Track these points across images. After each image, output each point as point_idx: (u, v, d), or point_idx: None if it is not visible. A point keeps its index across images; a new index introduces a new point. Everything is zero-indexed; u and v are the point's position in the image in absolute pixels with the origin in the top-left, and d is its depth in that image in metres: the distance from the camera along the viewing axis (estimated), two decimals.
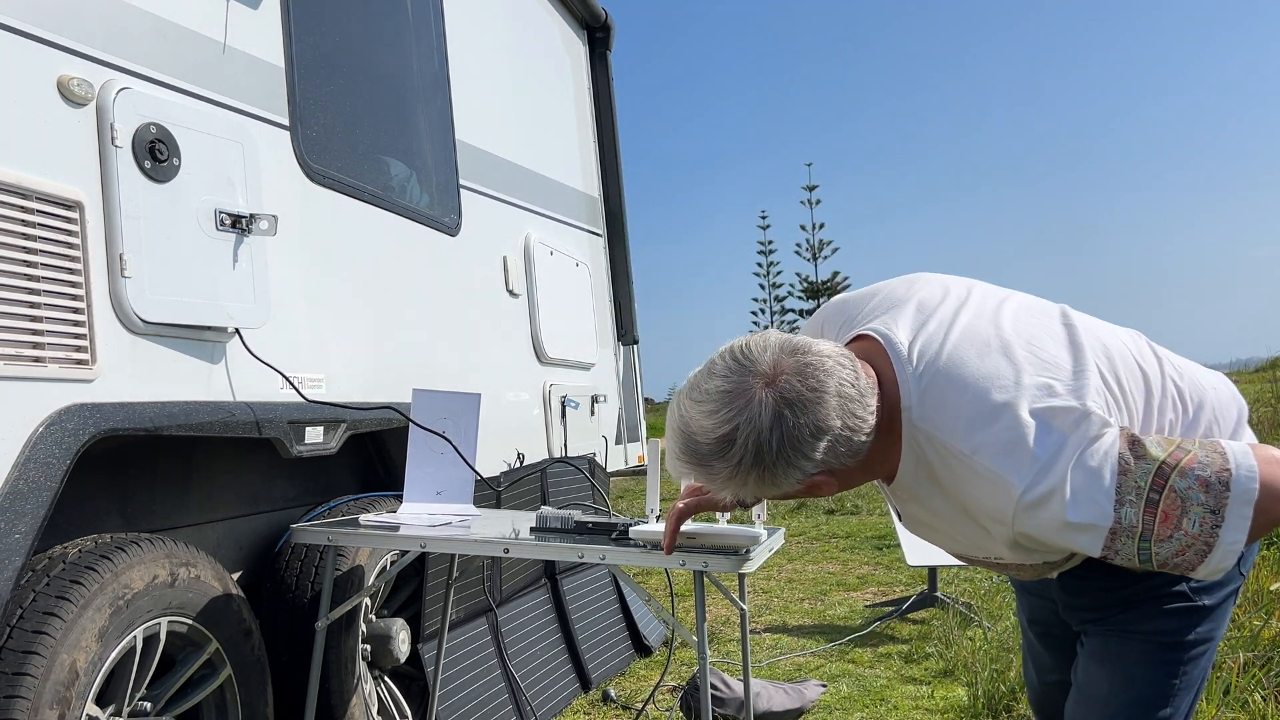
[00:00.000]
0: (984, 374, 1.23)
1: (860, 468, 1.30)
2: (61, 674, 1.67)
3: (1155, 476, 1.15)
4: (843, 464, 1.26)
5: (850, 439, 1.23)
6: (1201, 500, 1.15)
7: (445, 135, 3.22)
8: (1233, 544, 1.15)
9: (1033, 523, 1.18)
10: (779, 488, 1.25)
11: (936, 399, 1.25)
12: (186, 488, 2.34)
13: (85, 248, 1.82)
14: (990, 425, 1.20)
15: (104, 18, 1.93)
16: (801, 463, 1.23)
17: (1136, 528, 1.15)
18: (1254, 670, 3.04)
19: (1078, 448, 1.17)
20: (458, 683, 2.91)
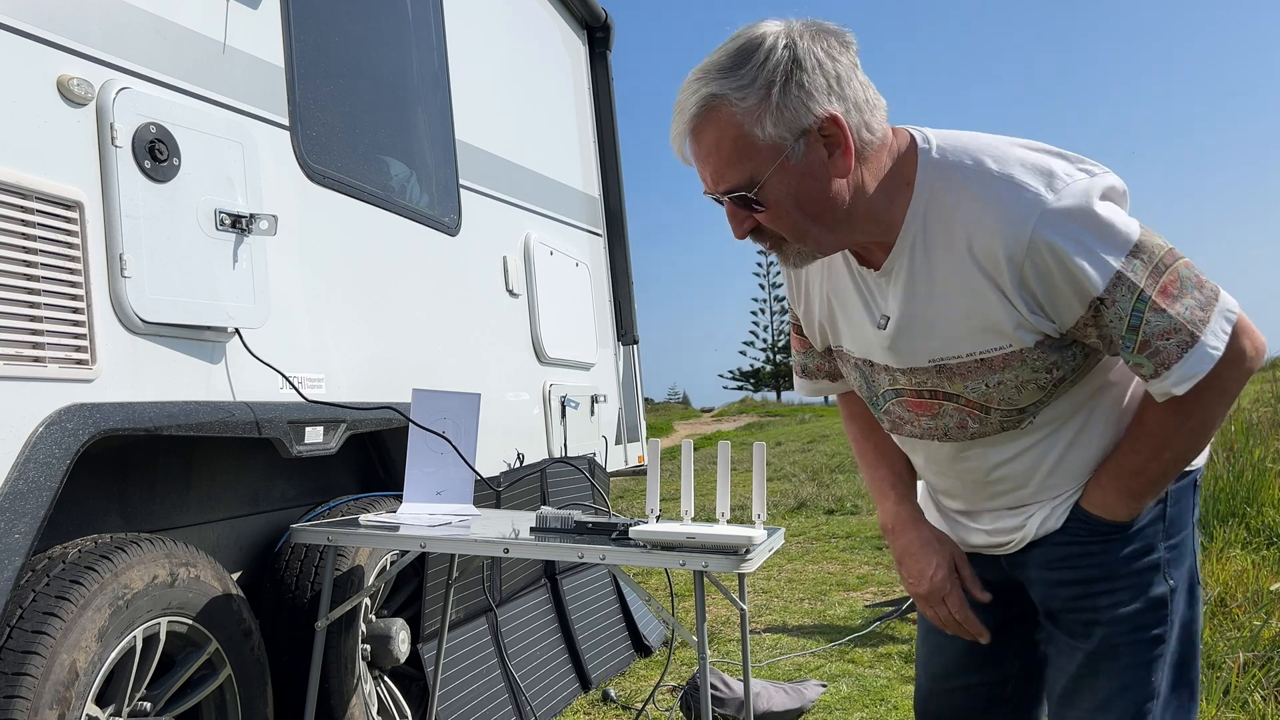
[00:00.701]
0: (1003, 144, 1.25)
1: (863, 186, 1.24)
2: (61, 674, 1.67)
3: (1166, 254, 1.19)
4: (859, 130, 1.20)
5: (870, 95, 1.21)
6: (1196, 295, 1.18)
7: (445, 135, 3.22)
8: (1211, 350, 1.17)
9: (1052, 234, 1.15)
10: (803, 108, 1.16)
11: (957, 144, 1.25)
12: (186, 488, 2.34)
13: (85, 248, 1.82)
14: (1017, 155, 1.21)
15: (104, 18, 1.93)
16: (830, 74, 1.17)
17: (1138, 286, 1.16)
18: (1254, 670, 3.04)
19: (1103, 193, 1.19)
20: (458, 683, 2.91)
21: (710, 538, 1.84)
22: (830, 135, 1.18)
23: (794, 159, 1.18)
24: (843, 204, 1.23)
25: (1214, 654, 3.23)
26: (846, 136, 1.18)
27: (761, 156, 1.18)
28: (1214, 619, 3.62)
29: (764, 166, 1.18)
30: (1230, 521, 4.79)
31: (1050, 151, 1.22)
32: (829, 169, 1.20)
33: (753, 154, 1.18)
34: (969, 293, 1.22)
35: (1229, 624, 3.58)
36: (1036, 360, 1.24)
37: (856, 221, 1.25)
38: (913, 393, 1.35)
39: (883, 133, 1.24)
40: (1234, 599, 3.78)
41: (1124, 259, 1.16)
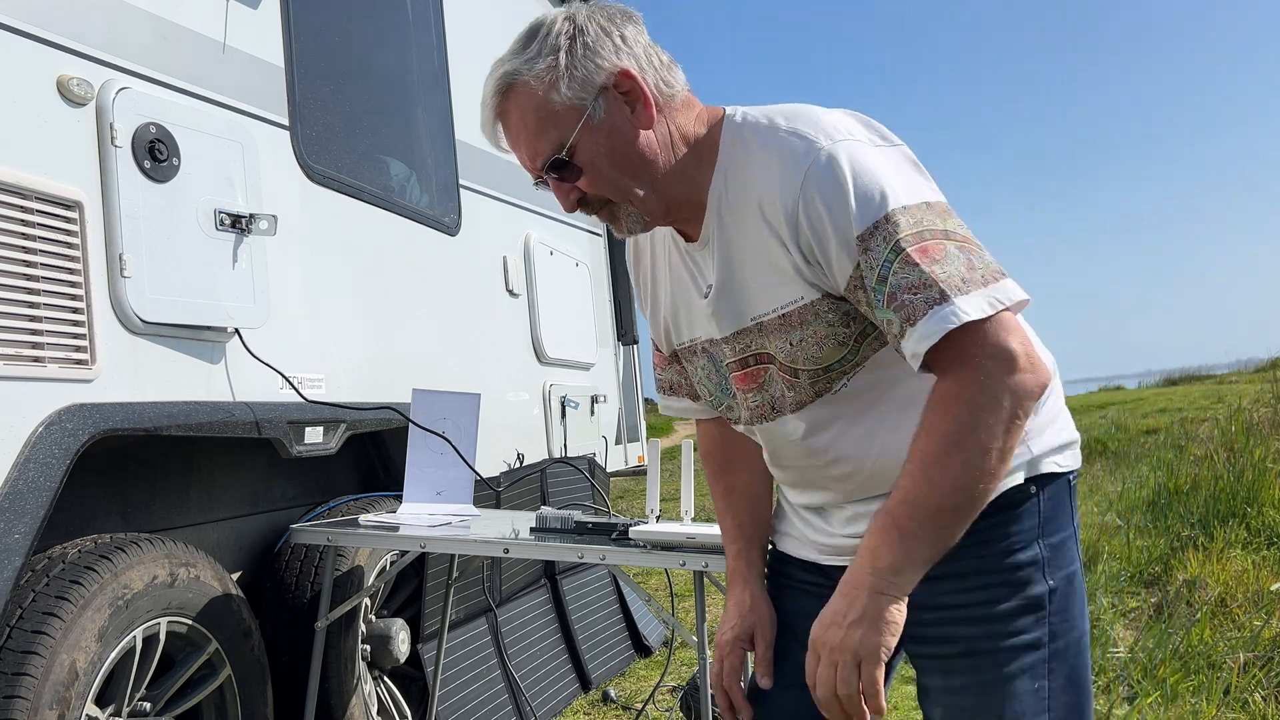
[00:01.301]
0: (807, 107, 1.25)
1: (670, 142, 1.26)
2: (61, 674, 1.67)
3: (947, 230, 1.14)
4: (656, 84, 1.24)
5: (664, 58, 1.26)
6: (961, 268, 1.11)
7: (445, 135, 3.22)
8: (962, 312, 1.08)
9: (822, 182, 1.14)
10: (594, 67, 1.20)
11: (760, 110, 1.26)
12: (186, 488, 2.34)
13: (85, 248, 1.82)
14: (811, 114, 1.22)
15: (104, 18, 1.93)
16: (615, 34, 1.23)
17: (895, 236, 1.12)
18: (1254, 670, 3.04)
19: (890, 157, 1.18)
20: (458, 683, 2.91)
21: (710, 538, 1.84)
22: (627, 90, 1.22)
23: (597, 117, 1.22)
24: (655, 158, 1.25)
25: (1214, 654, 3.23)
26: (644, 89, 1.23)
27: (565, 121, 1.22)
28: (1214, 619, 3.62)
29: (569, 129, 1.21)
30: (1230, 522, 4.79)
31: (854, 117, 1.23)
32: (633, 123, 1.23)
33: (556, 120, 1.22)
34: (764, 247, 1.23)
35: (1229, 624, 3.58)
36: (829, 314, 1.22)
37: (672, 179, 1.27)
38: (738, 364, 1.33)
39: (683, 90, 1.28)
40: (1234, 599, 3.78)
41: (890, 209, 1.13)
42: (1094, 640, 3.51)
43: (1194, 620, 3.56)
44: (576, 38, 1.22)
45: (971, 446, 1.09)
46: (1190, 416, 9.39)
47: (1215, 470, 5.63)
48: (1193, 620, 3.57)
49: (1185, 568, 4.27)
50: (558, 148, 1.23)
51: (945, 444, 1.10)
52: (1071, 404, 5.65)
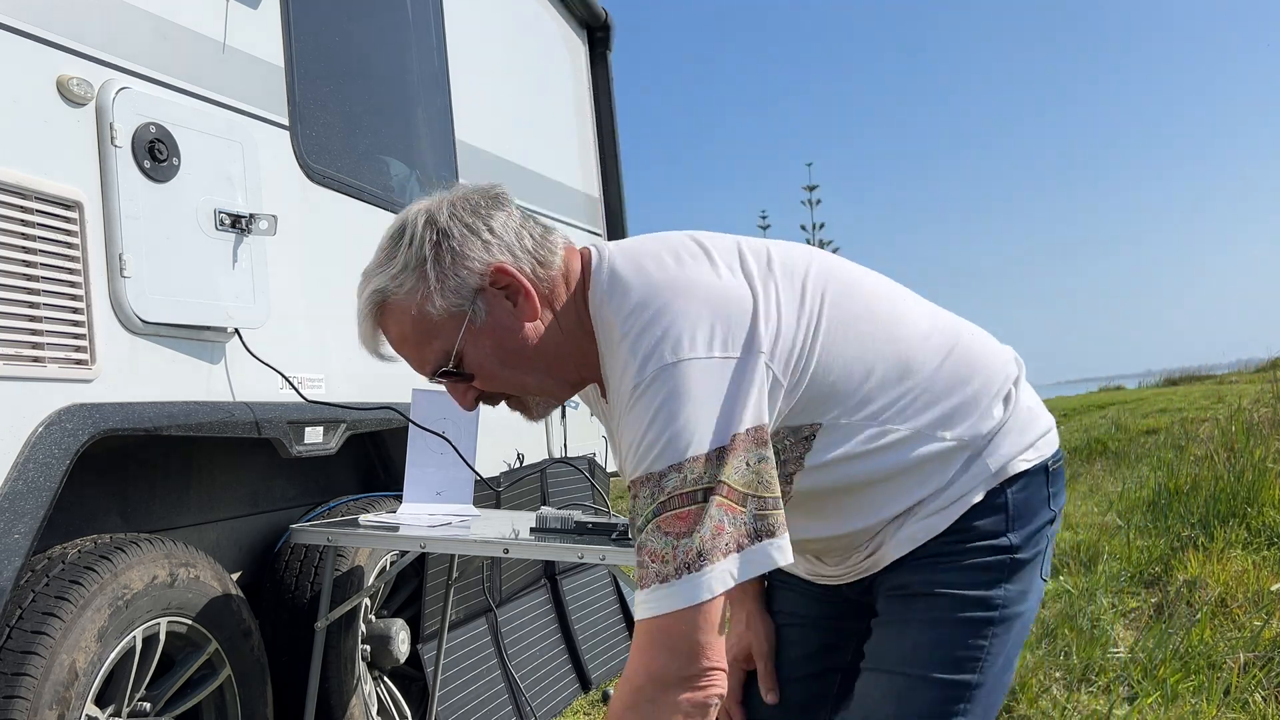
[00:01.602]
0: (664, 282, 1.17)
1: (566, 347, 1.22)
2: (61, 674, 1.67)
3: (712, 483, 1.07)
4: (533, 270, 1.19)
5: (536, 234, 1.22)
6: (702, 542, 1.06)
7: (445, 135, 3.21)
8: (661, 604, 1.06)
9: (634, 413, 1.10)
10: (465, 271, 1.16)
11: (622, 278, 1.20)
12: (186, 488, 2.34)
13: (85, 248, 1.81)
14: (664, 307, 1.14)
15: (104, 18, 1.93)
16: (480, 229, 1.18)
17: (658, 498, 1.08)
18: (1254, 670, 3.04)
19: (715, 378, 1.10)
20: (458, 683, 2.91)
21: None
22: (505, 285, 1.19)
23: (479, 320, 1.19)
24: (545, 347, 1.22)
25: (1214, 654, 3.23)
26: (521, 281, 1.19)
27: (446, 330, 1.19)
28: (1214, 619, 3.62)
29: (452, 338, 1.19)
30: (1230, 522, 4.79)
31: (711, 310, 1.14)
32: (517, 317, 1.20)
33: (437, 331, 1.19)
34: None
35: (1229, 624, 3.57)
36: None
37: (566, 359, 1.23)
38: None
39: (561, 264, 1.23)
40: (1234, 599, 3.78)
41: (664, 467, 1.08)
42: (1094, 640, 3.51)
43: (1194, 620, 3.56)
44: (441, 243, 1.18)
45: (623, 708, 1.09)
46: (1190, 416, 9.38)
47: (1215, 470, 5.63)
48: (1193, 620, 3.57)
49: (1185, 568, 4.27)
50: (444, 358, 1.20)
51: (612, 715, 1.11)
52: (1071, 404, 5.67)
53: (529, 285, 1.20)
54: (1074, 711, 3.01)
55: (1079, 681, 3.26)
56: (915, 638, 1.26)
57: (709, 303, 1.14)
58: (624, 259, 1.23)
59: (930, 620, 1.25)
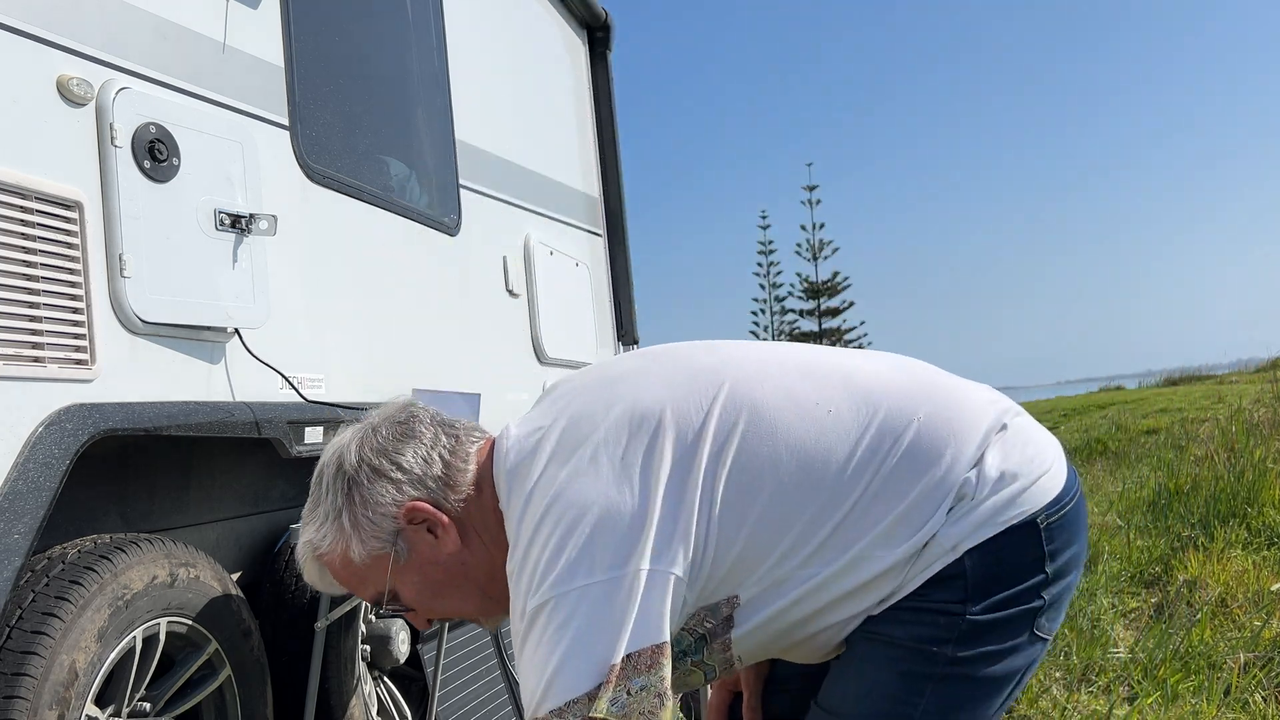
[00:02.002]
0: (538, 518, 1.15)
1: (486, 547, 1.22)
2: (61, 674, 1.67)
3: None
4: (445, 499, 1.20)
5: (447, 453, 1.21)
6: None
7: (445, 135, 3.21)
8: None
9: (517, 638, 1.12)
10: (379, 515, 1.18)
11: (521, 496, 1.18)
12: (186, 488, 2.34)
13: (85, 248, 1.81)
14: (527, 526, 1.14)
15: (104, 17, 1.93)
16: (388, 468, 1.19)
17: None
18: (1254, 670, 3.04)
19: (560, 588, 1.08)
20: (458, 683, 2.91)
21: None
22: (423, 521, 1.21)
23: (403, 558, 1.21)
24: (477, 568, 1.23)
25: (1214, 654, 3.23)
26: (435, 515, 1.20)
27: (374, 573, 1.21)
28: (1214, 619, 3.62)
29: (381, 579, 1.21)
30: (1231, 522, 4.79)
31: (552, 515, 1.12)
32: (439, 549, 1.21)
33: (366, 574, 1.22)
34: None
35: (1229, 624, 3.58)
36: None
37: (500, 575, 1.21)
38: None
39: (474, 476, 1.24)
40: (1234, 599, 3.78)
41: (549, 714, 1.07)
42: (1094, 640, 3.50)
43: (1194, 620, 3.56)
44: (353, 492, 1.20)
45: None
46: (1190, 416, 9.38)
47: (1215, 470, 5.63)
48: (1193, 620, 3.57)
49: (1185, 568, 4.27)
50: (378, 597, 1.24)
51: None
52: (1071, 404, 5.68)
53: (443, 517, 1.21)
54: (1074, 711, 3.01)
55: (1079, 681, 3.26)
56: (850, 686, 1.23)
57: (584, 525, 1.10)
58: (516, 460, 1.20)
59: (866, 669, 1.21)
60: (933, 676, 1.18)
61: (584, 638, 1.07)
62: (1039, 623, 1.22)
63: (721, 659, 1.23)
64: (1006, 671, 1.20)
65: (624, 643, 1.07)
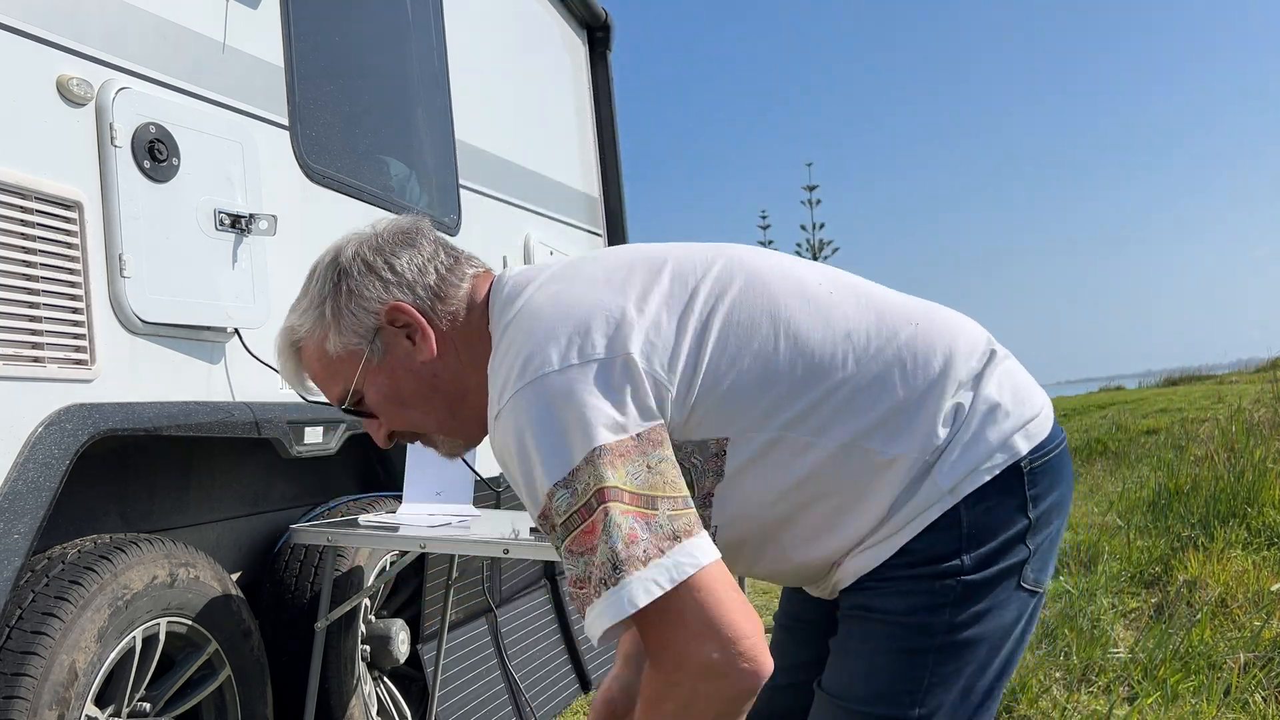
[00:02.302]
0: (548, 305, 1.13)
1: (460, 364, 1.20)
2: (60, 674, 1.67)
3: (600, 492, 0.99)
4: (432, 308, 1.19)
5: (443, 268, 1.21)
6: (621, 547, 0.97)
7: (445, 135, 3.21)
8: (594, 627, 0.99)
9: (502, 436, 1.07)
10: (361, 310, 1.17)
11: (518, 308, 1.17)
12: (186, 488, 2.34)
13: (84, 248, 1.81)
14: (528, 328, 1.10)
15: (103, 17, 1.92)
16: (381, 268, 1.19)
17: (556, 522, 1.02)
18: (1254, 671, 3.04)
19: (576, 385, 1.03)
20: (458, 683, 2.91)
21: None
22: (404, 325, 1.19)
23: (376, 358, 1.20)
24: (444, 387, 1.21)
25: (1214, 654, 3.23)
26: (418, 320, 1.19)
27: (346, 368, 1.21)
28: (1214, 619, 3.62)
29: (350, 376, 1.20)
30: (1231, 522, 4.79)
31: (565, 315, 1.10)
32: (415, 356, 1.20)
33: (338, 368, 1.21)
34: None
35: (1229, 625, 3.57)
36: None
37: (470, 399, 1.21)
38: None
39: (466, 295, 1.22)
40: (1234, 600, 3.78)
41: (551, 486, 1.02)
42: (1094, 641, 3.50)
43: (1194, 621, 3.56)
44: (341, 283, 1.20)
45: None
46: (1190, 417, 9.38)
47: (1215, 470, 5.63)
48: (1193, 621, 3.57)
49: (1185, 568, 4.27)
50: (344, 395, 1.22)
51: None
52: (1071, 404, 5.65)
53: (425, 324, 1.19)
54: (1074, 712, 3.01)
55: (1079, 682, 3.26)
56: (851, 668, 1.20)
57: (572, 318, 1.09)
58: (513, 287, 1.20)
59: (864, 650, 1.18)
60: (932, 648, 1.15)
61: (577, 411, 1.02)
62: (1025, 574, 1.18)
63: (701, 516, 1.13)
64: (1001, 629, 1.18)
65: (629, 415, 1.04)
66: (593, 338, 1.07)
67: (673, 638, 0.98)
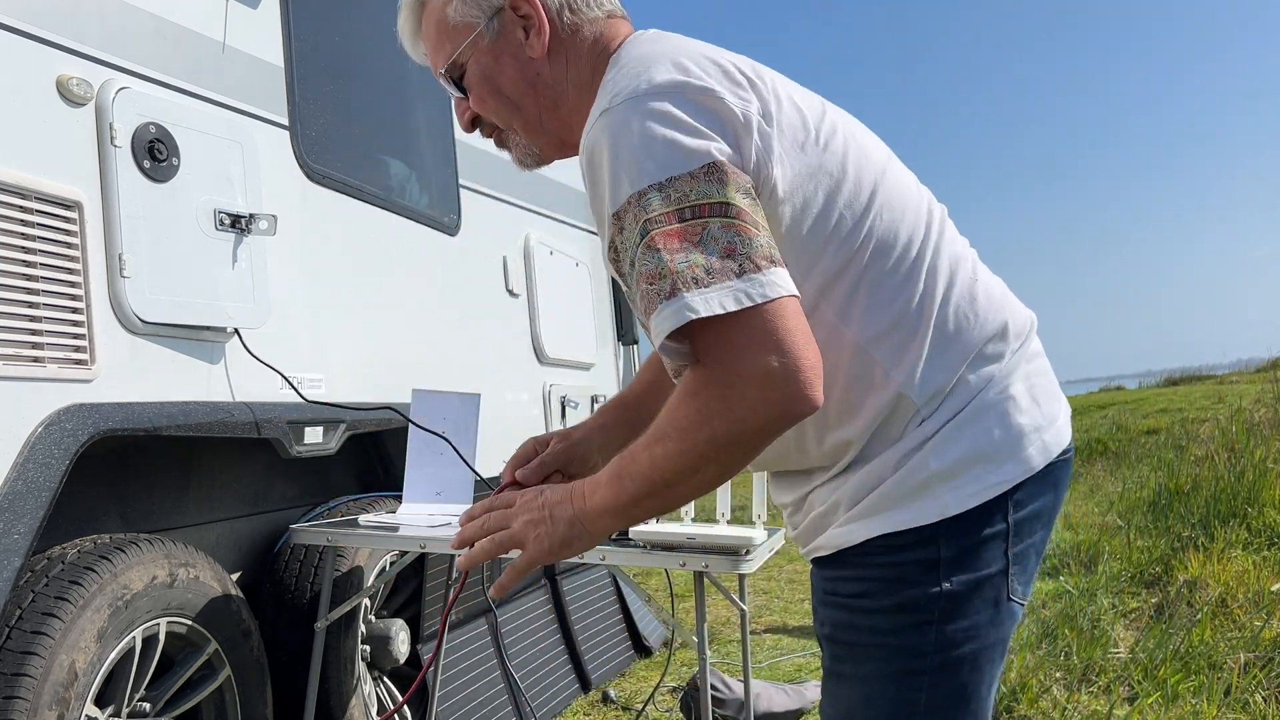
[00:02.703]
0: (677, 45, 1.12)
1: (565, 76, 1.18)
2: (60, 674, 1.67)
3: (714, 206, 0.98)
4: (559, 11, 1.17)
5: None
6: (717, 259, 0.95)
7: (445, 135, 3.21)
8: (688, 310, 0.94)
9: (598, 136, 1.04)
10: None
11: (643, 45, 1.15)
12: (186, 488, 2.34)
13: (84, 248, 1.81)
14: (661, 52, 1.09)
15: (103, 17, 1.93)
16: None
17: (646, 216, 0.99)
18: (1254, 671, 3.04)
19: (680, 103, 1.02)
20: (458, 683, 2.91)
21: (710, 538, 1.84)
22: (526, 15, 1.18)
23: (488, 38, 1.19)
24: (540, 90, 1.20)
25: (1215, 654, 3.23)
26: (540, 15, 1.17)
27: (457, 37, 1.20)
28: (1215, 619, 3.62)
29: (457, 47, 1.20)
30: (1231, 522, 4.79)
31: (702, 58, 1.08)
32: (525, 50, 1.18)
33: (450, 35, 1.21)
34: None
35: (1229, 625, 3.57)
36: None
37: (561, 114, 1.21)
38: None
39: (603, 17, 1.20)
40: (1235, 600, 3.78)
41: (646, 185, 0.99)
42: (1094, 640, 3.50)
43: (1194, 621, 3.56)
44: None
45: (686, 450, 0.99)
46: (1191, 417, 9.39)
47: (1216, 471, 5.63)
48: (1193, 621, 3.57)
49: (1186, 568, 4.27)
50: (447, 63, 1.22)
51: (668, 432, 1.00)
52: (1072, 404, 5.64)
53: (547, 23, 1.18)
54: (1074, 711, 3.01)
55: (1079, 681, 3.26)
56: (847, 697, 1.16)
57: (702, 61, 1.08)
58: (653, 35, 1.18)
59: (857, 677, 1.15)
60: (924, 670, 1.11)
61: (694, 124, 1.01)
62: (1011, 585, 1.13)
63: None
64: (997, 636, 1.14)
65: (744, 157, 1.03)
66: (735, 78, 1.07)
67: (738, 342, 0.95)
